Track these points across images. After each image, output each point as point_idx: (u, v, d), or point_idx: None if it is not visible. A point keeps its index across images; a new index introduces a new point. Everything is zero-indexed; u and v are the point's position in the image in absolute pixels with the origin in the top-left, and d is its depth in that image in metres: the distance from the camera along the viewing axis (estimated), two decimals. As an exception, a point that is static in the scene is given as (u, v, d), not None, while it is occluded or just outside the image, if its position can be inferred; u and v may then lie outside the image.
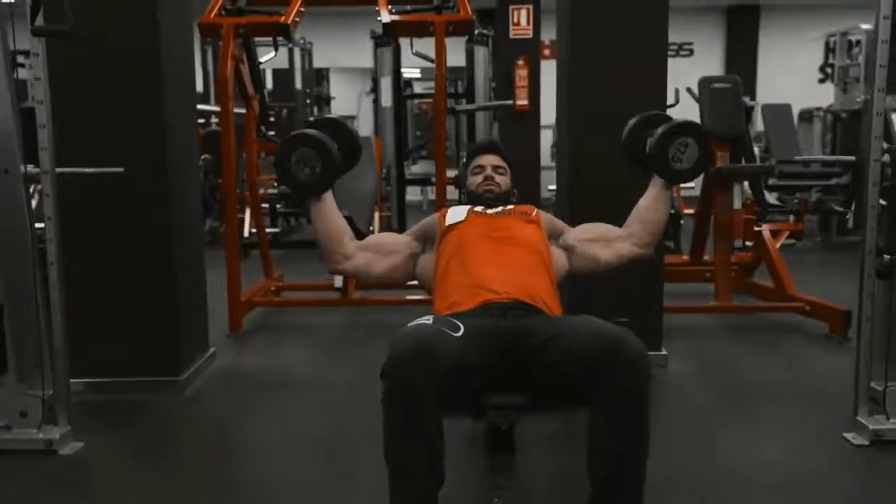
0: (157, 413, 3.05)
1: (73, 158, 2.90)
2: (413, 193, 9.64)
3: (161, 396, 3.17)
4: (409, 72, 12.45)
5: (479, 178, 2.51)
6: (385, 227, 6.80)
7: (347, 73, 13.77)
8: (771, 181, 6.96)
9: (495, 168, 2.52)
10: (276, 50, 4.57)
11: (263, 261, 4.93)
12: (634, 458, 1.76)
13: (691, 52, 12.38)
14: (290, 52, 9.42)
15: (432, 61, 4.26)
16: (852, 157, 4.36)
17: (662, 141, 2.30)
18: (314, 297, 4.90)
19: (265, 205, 7.01)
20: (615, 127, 2.57)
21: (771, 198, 6.80)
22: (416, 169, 10.00)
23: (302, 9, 4.24)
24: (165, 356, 3.26)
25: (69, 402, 2.73)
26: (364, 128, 11.30)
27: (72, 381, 3.01)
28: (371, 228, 5.97)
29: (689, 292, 4.74)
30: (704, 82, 4.39)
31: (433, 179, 7.60)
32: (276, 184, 7.75)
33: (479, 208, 2.40)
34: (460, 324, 1.89)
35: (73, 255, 3.13)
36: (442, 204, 4.00)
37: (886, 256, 2.72)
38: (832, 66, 8.07)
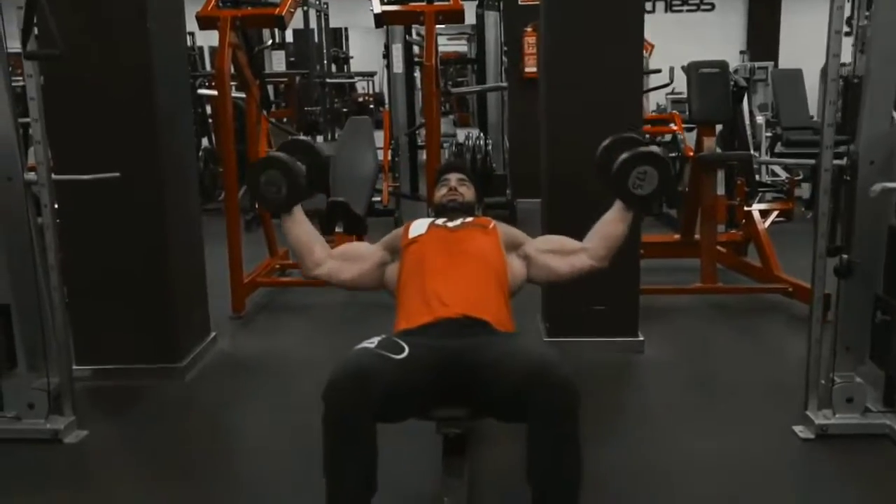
0: (157, 400, 3.29)
1: (72, 164, 3.09)
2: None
3: (163, 382, 3.41)
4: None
5: (444, 190, 2.69)
6: (394, 196, 6.96)
7: (368, 30, 13.75)
8: (778, 149, 6.96)
9: (459, 181, 2.70)
10: (274, 39, 4.69)
11: (267, 238, 5.12)
12: (562, 477, 1.91)
13: (712, 6, 12.16)
14: (305, 13, 9.43)
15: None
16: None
17: (622, 168, 2.41)
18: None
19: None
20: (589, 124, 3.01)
21: (777, 168, 6.82)
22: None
23: (297, -2, 4.36)
24: (166, 345, 3.48)
25: (73, 393, 2.97)
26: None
27: (81, 367, 3.34)
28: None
29: (685, 267, 4.83)
30: (692, 67, 4.43)
31: (444, 144, 7.74)
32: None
33: (440, 221, 2.56)
34: (405, 345, 2.07)
35: (78, 253, 3.36)
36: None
37: (844, 256, 2.83)
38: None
